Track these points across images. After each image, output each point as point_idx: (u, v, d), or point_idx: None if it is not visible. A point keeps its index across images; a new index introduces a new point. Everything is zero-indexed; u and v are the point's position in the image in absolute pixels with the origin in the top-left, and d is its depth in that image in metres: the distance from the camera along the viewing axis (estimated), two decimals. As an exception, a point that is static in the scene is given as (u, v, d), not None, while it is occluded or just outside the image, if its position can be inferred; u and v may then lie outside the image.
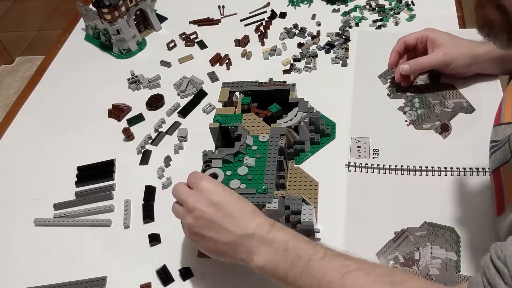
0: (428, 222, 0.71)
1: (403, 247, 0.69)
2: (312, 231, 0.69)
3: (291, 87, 0.83)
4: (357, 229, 0.72)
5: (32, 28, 2.78)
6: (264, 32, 1.09)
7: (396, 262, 0.68)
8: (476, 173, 0.76)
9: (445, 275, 0.65)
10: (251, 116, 0.80)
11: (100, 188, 0.85)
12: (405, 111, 0.86)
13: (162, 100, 0.98)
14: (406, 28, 1.02)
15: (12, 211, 0.85)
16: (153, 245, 0.76)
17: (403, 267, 0.67)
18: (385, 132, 0.84)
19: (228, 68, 1.03)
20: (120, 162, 0.89)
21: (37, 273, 0.75)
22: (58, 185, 0.87)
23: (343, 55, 0.99)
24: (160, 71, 1.05)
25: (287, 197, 0.69)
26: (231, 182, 0.71)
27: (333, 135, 0.86)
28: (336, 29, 1.06)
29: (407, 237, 0.70)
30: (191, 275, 0.72)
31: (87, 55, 1.14)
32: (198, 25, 1.16)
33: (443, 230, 0.70)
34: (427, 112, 0.85)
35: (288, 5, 1.16)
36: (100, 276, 0.73)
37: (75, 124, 0.98)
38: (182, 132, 0.91)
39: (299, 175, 0.80)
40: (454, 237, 0.69)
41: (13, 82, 2.49)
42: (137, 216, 0.80)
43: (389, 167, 0.79)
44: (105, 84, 1.05)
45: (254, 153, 0.74)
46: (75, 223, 0.81)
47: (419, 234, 0.70)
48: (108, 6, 1.01)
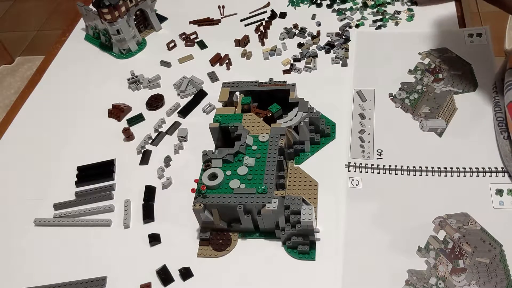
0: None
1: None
2: (311, 231, 0.69)
3: (291, 87, 0.83)
4: (357, 229, 0.72)
5: (32, 28, 2.78)
6: (264, 32, 1.09)
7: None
8: (476, 173, 0.76)
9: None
10: (251, 116, 0.80)
11: (100, 188, 0.85)
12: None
13: (162, 100, 0.98)
14: (406, 28, 1.03)
15: (12, 211, 0.85)
16: (153, 245, 0.76)
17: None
18: (388, 133, 0.84)
19: (228, 68, 1.03)
20: (120, 162, 0.89)
21: (37, 273, 0.75)
22: (58, 185, 0.87)
23: (343, 55, 0.99)
24: (160, 71, 1.05)
25: (287, 197, 0.69)
26: (231, 182, 0.71)
27: (333, 135, 0.86)
28: (336, 29, 1.06)
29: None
30: (191, 275, 0.72)
31: (87, 55, 1.14)
32: (198, 25, 1.16)
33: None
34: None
35: (288, 5, 1.16)
36: (100, 276, 0.73)
37: (75, 124, 0.98)
38: (182, 132, 0.91)
39: (299, 175, 0.80)
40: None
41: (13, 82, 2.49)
42: (137, 216, 0.80)
43: (389, 167, 0.79)
44: (105, 84, 1.05)
45: (254, 153, 0.74)
46: (75, 223, 0.81)
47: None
48: (108, 6, 1.01)
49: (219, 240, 0.74)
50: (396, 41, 0.95)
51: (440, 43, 0.97)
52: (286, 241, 0.72)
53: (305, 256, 0.71)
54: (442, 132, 0.82)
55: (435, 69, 0.93)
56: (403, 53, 0.97)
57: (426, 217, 0.72)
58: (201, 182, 0.72)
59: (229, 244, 0.74)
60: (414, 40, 0.99)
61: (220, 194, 0.70)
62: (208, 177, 0.72)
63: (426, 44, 0.98)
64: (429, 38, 0.99)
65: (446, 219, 0.71)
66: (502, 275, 0.65)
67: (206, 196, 0.70)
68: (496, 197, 0.73)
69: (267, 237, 0.74)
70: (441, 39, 0.98)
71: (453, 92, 0.88)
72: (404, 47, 0.97)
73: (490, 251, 0.67)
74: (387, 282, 0.67)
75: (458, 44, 0.95)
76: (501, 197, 0.72)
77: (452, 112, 0.85)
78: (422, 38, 0.99)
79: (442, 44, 0.97)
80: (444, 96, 0.88)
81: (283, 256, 0.72)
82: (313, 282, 0.68)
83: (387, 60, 0.96)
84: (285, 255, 0.72)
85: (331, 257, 0.70)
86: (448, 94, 0.88)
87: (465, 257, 0.67)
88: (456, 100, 0.87)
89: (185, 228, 0.77)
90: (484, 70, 0.90)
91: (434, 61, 0.94)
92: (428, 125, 0.84)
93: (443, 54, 0.95)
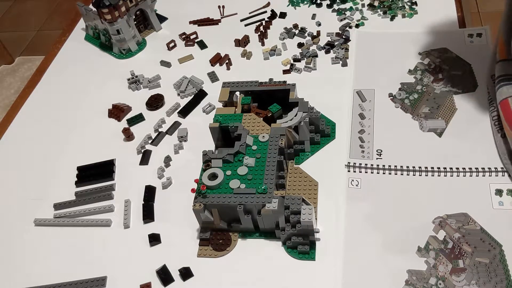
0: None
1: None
2: (311, 231, 0.69)
3: (291, 87, 0.83)
4: (357, 229, 0.73)
5: (32, 28, 2.78)
6: (264, 32, 1.09)
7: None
8: (475, 173, 0.76)
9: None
10: (251, 116, 0.80)
11: (100, 188, 0.85)
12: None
13: (162, 100, 0.98)
14: (406, 27, 1.02)
15: (12, 211, 0.85)
16: (153, 245, 0.76)
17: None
18: (388, 133, 0.84)
19: (228, 68, 1.03)
20: (120, 162, 0.89)
21: (37, 273, 0.75)
22: (58, 185, 0.87)
23: (343, 55, 0.99)
24: (160, 71, 1.05)
25: (287, 197, 0.69)
26: (231, 182, 0.71)
27: (333, 135, 0.86)
28: (336, 29, 1.06)
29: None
30: (191, 275, 0.72)
31: (87, 55, 1.14)
32: (198, 25, 1.16)
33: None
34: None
35: (288, 5, 1.16)
36: (100, 276, 0.73)
37: (75, 124, 0.98)
38: (182, 132, 0.91)
39: (299, 175, 0.80)
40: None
41: (13, 82, 2.49)
42: (137, 216, 0.80)
43: (389, 167, 0.79)
44: (105, 84, 1.05)
45: (254, 153, 0.74)
46: (75, 223, 0.81)
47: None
48: (108, 6, 1.01)
49: (219, 240, 0.74)
50: (396, 41, 0.95)
51: (440, 43, 0.97)
52: (286, 241, 0.72)
53: (305, 256, 0.71)
54: (441, 132, 0.82)
55: (435, 69, 0.93)
56: (403, 53, 0.97)
57: (426, 217, 0.72)
58: (201, 182, 0.72)
59: (229, 244, 0.74)
60: (414, 40, 0.99)
61: (220, 194, 0.70)
62: (208, 177, 0.72)
63: (426, 44, 0.98)
64: (429, 38, 0.99)
65: (446, 219, 0.71)
66: (502, 275, 0.65)
67: (206, 196, 0.70)
68: (496, 197, 0.73)
69: (267, 237, 0.74)
70: (441, 39, 0.98)
71: (453, 92, 0.88)
72: (404, 47, 0.97)
73: (490, 251, 0.67)
74: (387, 282, 0.67)
75: (458, 44, 0.95)
76: (501, 197, 0.72)
77: (452, 112, 0.85)
78: (422, 38, 0.99)
79: (442, 44, 0.97)
80: (444, 96, 0.88)
81: (283, 256, 0.72)
82: (313, 282, 0.68)
83: (387, 60, 0.96)
84: (285, 255, 0.72)
85: (331, 257, 0.70)
86: (448, 94, 0.88)
87: (465, 257, 0.67)
88: (456, 100, 0.87)
89: (185, 228, 0.77)
90: (484, 70, 0.90)
91: (434, 61, 0.94)
92: (428, 125, 0.84)
93: (443, 54, 0.95)
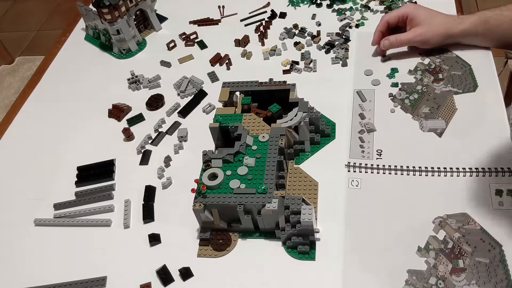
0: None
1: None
2: (311, 231, 0.69)
3: (291, 87, 0.83)
4: (357, 229, 0.73)
5: (32, 28, 2.78)
6: (264, 32, 1.08)
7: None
8: (475, 173, 0.76)
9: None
10: (251, 116, 0.80)
11: (100, 188, 0.85)
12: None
13: (162, 100, 0.98)
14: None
15: (12, 211, 0.85)
16: (153, 245, 0.76)
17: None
18: (388, 133, 0.84)
19: (228, 68, 1.03)
20: (120, 162, 0.89)
21: (37, 273, 0.75)
22: (58, 185, 0.87)
23: (343, 55, 0.99)
24: (160, 71, 1.05)
25: (287, 197, 0.69)
26: (231, 182, 0.71)
27: (333, 135, 0.86)
28: (336, 29, 1.06)
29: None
30: (191, 275, 0.72)
31: (87, 55, 1.14)
32: (198, 25, 1.16)
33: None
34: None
35: (288, 5, 1.16)
36: (100, 276, 0.73)
37: (75, 124, 0.98)
38: (182, 132, 0.91)
39: (299, 175, 0.80)
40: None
41: (13, 82, 2.49)
42: (137, 216, 0.80)
43: (389, 167, 0.79)
44: (105, 84, 1.05)
45: (254, 153, 0.74)
46: (75, 223, 0.81)
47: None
48: (108, 6, 1.01)
49: (219, 240, 0.74)
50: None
51: (440, 43, 0.97)
52: (286, 241, 0.72)
53: (305, 256, 0.71)
54: (442, 132, 0.82)
55: (435, 69, 0.93)
56: (403, 53, 0.97)
57: (426, 217, 0.72)
58: (201, 182, 0.72)
59: (229, 244, 0.74)
60: (414, 40, 0.99)
61: (220, 194, 0.70)
62: (208, 177, 0.72)
63: (426, 44, 0.98)
64: (429, 38, 0.99)
65: (446, 219, 0.71)
66: (502, 275, 0.65)
67: (206, 196, 0.70)
68: (496, 197, 0.73)
69: (267, 237, 0.74)
70: (441, 39, 0.98)
71: (453, 92, 0.88)
72: (404, 47, 0.97)
73: (490, 251, 0.67)
74: (387, 282, 0.66)
75: (458, 44, 0.94)
76: (501, 197, 0.72)
77: (452, 112, 0.85)
78: (422, 38, 0.99)
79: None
80: (444, 96, 0.88)
81: (283, 256, 0.72)
82: (313, 282, 0.68)
83: (387, 60, 0.96)
84: (285, 255, 0.72)
85: (331, 257, 0.70)
86: (448, 94, 0.88)
87: (465, 257, 0.67)
88: (456, 100, 0.87)
89: (185, 228, 0.77)
90: (484, 70, 0.90)
91: (434, 61, 0.94)
92: (428, 125, 0.84)
93: (443, 54, 0.95)
